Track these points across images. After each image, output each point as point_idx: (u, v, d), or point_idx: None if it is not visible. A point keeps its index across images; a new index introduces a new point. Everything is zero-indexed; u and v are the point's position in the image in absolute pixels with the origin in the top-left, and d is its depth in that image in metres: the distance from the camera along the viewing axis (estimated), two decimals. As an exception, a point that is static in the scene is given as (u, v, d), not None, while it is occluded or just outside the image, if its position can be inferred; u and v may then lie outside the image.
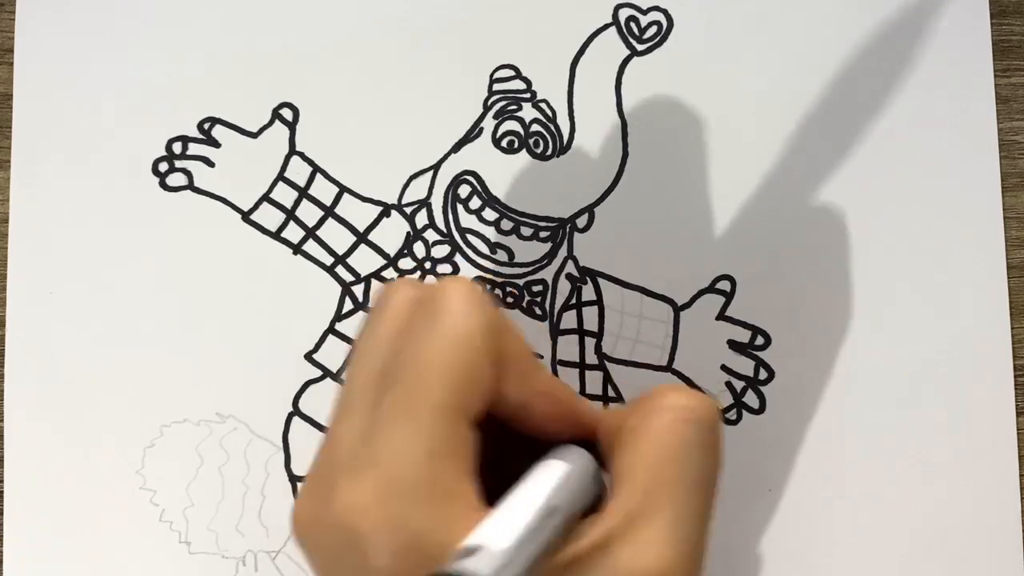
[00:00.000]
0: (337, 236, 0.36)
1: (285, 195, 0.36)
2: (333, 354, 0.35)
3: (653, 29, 0.37)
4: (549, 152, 0.37)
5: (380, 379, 0.23)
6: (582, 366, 0.36)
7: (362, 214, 0.36)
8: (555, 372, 0.36)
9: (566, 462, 0.24)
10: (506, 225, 0.36)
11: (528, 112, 0.37)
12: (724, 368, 0.36)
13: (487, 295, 0.24)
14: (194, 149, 0.36)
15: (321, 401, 0.35)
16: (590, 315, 0.36)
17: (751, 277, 0.36)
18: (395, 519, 0.21)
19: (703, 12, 0.37)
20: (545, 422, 0.25)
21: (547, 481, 0.22)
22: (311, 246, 0.36)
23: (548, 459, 0.24)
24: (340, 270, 0.36)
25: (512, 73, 0.37)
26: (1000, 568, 0.36)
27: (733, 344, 0.36)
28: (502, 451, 0.24)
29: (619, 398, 0.36)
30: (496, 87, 0.37)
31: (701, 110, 0.37)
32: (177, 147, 0.36)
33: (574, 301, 0.36)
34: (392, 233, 0.36)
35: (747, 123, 0.37)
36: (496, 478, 0.23)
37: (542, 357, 0.36)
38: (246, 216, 0.36)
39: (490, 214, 0.36)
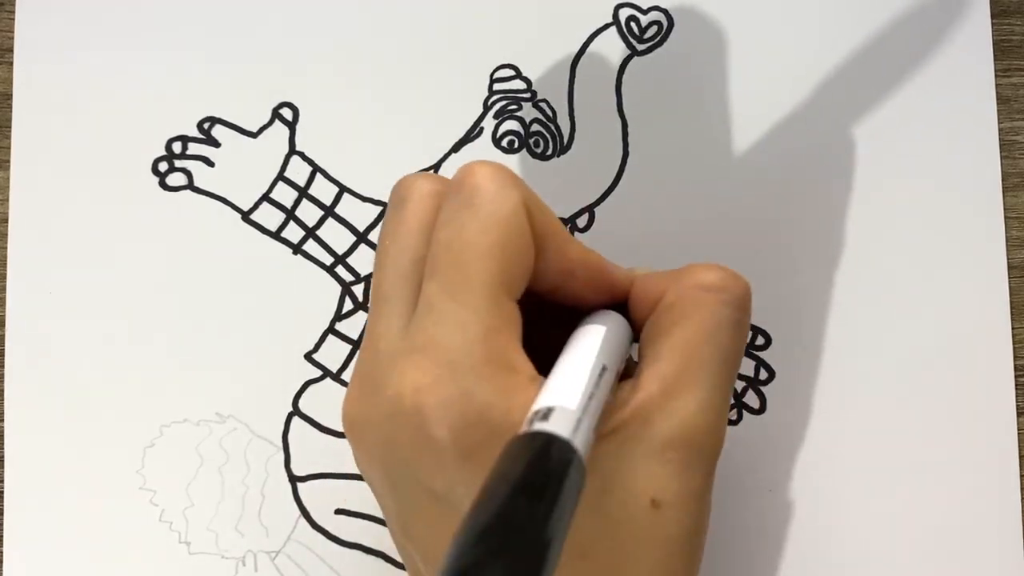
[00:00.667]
0: (337, 236, 0.36)
1: (285, 195, 0.36)
2: (333, 354, 0.35)
3: (653, 29, 0.37)
4: (549, 152, 0.37)
5: (413, 272, 0.24)
6: (582, 366, 0.36)
7: (362, 214, 0.36)
8: (555, 372, 0.36)
9: (605, 324, 0.25)
10: (506, 225, 0.36)
11: (528, 112, 0.37)
12: (724, 368, 0.36)
13: (515, 175, 0.25)
14: (194, 149, 0.36)
15: (321, 401, 0.35)
16: (590, 315, 0.36)
17: (751, 277, 0.36)
18: (459, 394, 0.22)
19: (703, 12, 0.37)
20: (583, 290, 0.26)
21: (593, 343, 0.24)
22: (311, 246, 0.36)
23: (588, 323, 0.25)
24: (340, 270, 0.36)
25: (512, 73, 0.37)
26: (1000, 568, 0.36)
27: (733, 344, 0.36)
28: (533, 326, 0.25)
29: (619, 398, 0.36)
30: (496, 87, 0.37)
31: (701, 110, 0.37)
32: (177, 147, 0.36)
33: (574, 301, 0.36)
34: (392, 233, 0.36)
35: (747, 123, 0.37)
36: (531, 353, 0.24)
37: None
38: (246, 216, 0.36)
39: (490, 214, 0.36)
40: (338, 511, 0.35)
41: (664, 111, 0.37)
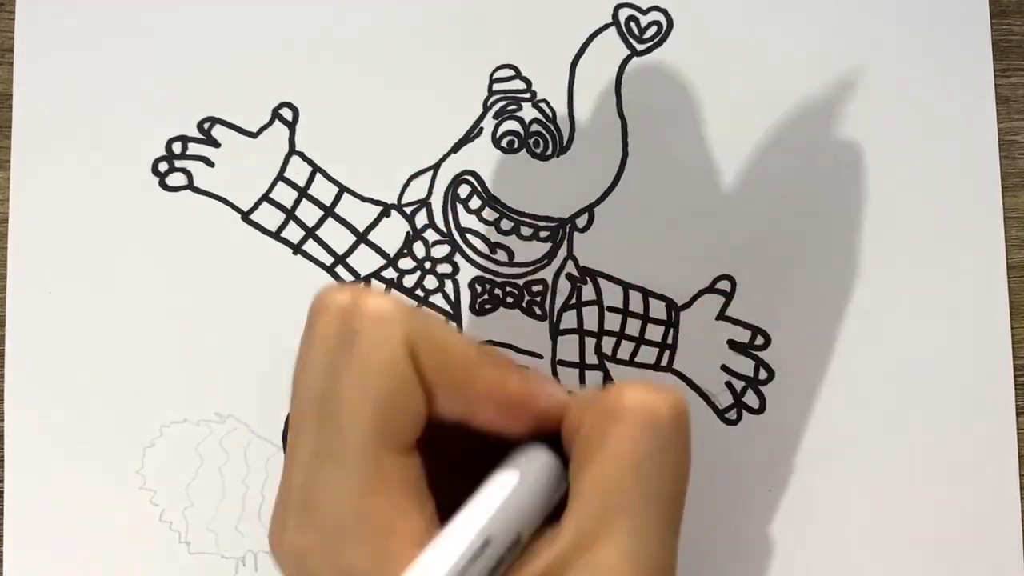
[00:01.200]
0: (337, 236, 0.36)
1: (285, 195, 0.36)
2: (333, 354, 0.35)
3: (653, 29, 0.37)
4: (549, 152, 0.37)
5: (318, 412, 0.22)
6: (582, 366, 0.36)
7: (362, 214, 0.36)
8: (555, 372, 0.36)
9: (519, 472, 0.22)
10: (506, 225, 0.36)
11: (528, 112, 0.37)
12: (724, 368, 0.36)
13: (408, 308, 0.22)
14: (194, 149, 0.36)
15: (321, 401, 0.35)
16: (590, 315, 0.36)
17: (751, 277, 0.36)
18: (335, 561, 0.21)
19: (703, 12, 0.37)
20: (500, 424, 0.23)
21: (488, 505, 0.21)
22: (311, 246, 0.36)
23: (500, 471, 0.22)
24: (340, 270, 0.36)
25: (512, 73, 0.37)
26: (1000, 568, 0.36)
27: (733, 344, 0.36)
28: (483, 446, 0.23)
29: (619, 398, 0.36)
30: (496, 87, 0.37)
31: (701, 110, 0.37)
32: (177, 147, 0.36)
33: (574, 301, 0.36)
34: (392, 233, 0.36)
35: (747, 123, 0.37)
36: (481, 474, 0.22)
37: (540, 357, 0.36)
38: (246, 216, 0.36)
39: (490, 214, 0.36)
40: (338, 511, 0.35)
41: (664, 111, 0.37)
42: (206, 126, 0.36)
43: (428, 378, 0.22)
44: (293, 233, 0.36)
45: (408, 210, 0.36)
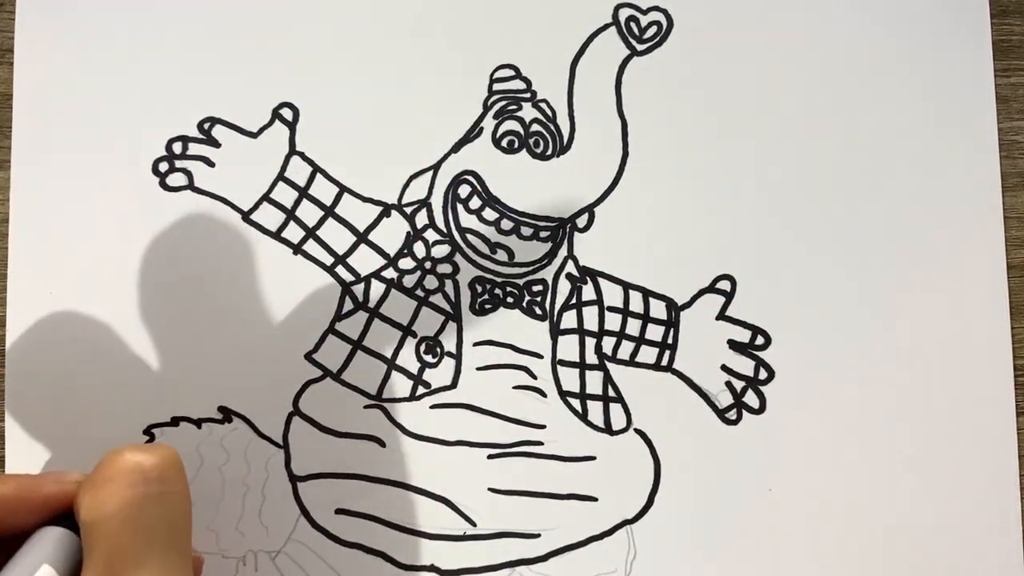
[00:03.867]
0: (337, 236, 0.36)
1: (285, 195, 0.36)
2: (333, 354, 0.35)
3: (653, 29, 0.37)
4: (549, 152, 0.37)
5: None
6: (582, 366, 0.36)
7: (362, 214, 0.36)
8: (555, 372, 0.36)
9: (31, 555, 0.23)
10: (506, 225, 0.36)
11: (528, 112, 0.37)
12: (724, 368, 0.36)
13: None
14: (194, 149, 0.36)
15: (321, 401, 0.35)
16: (590, 315, 0.36)
17: (751, 277, 0.36)
18: None
19: (703, 12, 0.37)
20: (4, 526, 0.25)
21: None
22: (311, 246, 0.36)
23: (15, 560, 0.24)
24: (340, 270, 0.36)
25: (512, 73, 0.37)
26: (1000, 568, 0.36)
27: (733, 344, 0.36)
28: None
29: (619, 398, 0.36)
30: (496, 87, 0.37)
31: (701, 110, 0.37)
32: (177, 147, 0.36)
33: (574, 301, 0.36)
34: (392, 233, 0.36)
35: (747, 123, 0.37)
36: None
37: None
38: (246, 216, 0.36)
39: (490, 214, 0.36)
40: (338, 511, 0.35)
41: (663, 111, 0.37)
42: (206, 126, 0.36)
43: None
44: (293, 233, 0.36)
45: (408, 210, 0.36)
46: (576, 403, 0.36)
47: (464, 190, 0.36)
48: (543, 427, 0.35)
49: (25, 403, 0.35)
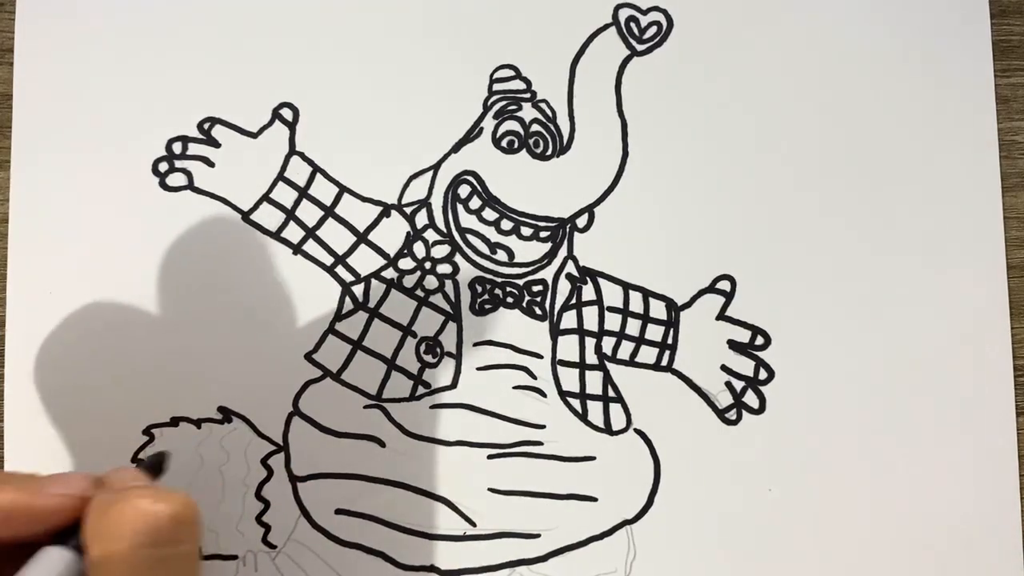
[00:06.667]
0: (337, 236, 0.36)
1: (285, 195, 0.36)
2: (333, 354, 0.35)
3: (653, 29, 0.37)
4: (549, 152, 0.37)
5: None
6: (582, 366, 0.36)
7: (362, 214, 0.36)
8: (555, 372, 0.36)
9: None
10: (506, 225, 0.36)
11: (528, 112, 0.37)
12: (724, 368, 0.36)
13: None
14: (194, 149, 0.36)
15: (321, 401, 0.35)
16: (590, 315, 0.36)
17: (751, 277, 0.36)
18: None
19: (703, 12, 0.37)
20: (5, 538, 0.24)
21: None
22: (311, 246, 0.36)
23: None
24: (340, 270, 0.36)
25: (512, 73, 0.37)
26: (1000, 568, 0.36)
27: (733, 344, 0.36)
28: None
29: (619, 398, 0.36)
30: (496, 87, 0.37)
31: (701, 110, 0.37)
32: (177, 147, 0.36)
33: (574, 301, 0.36)
34: (392, 233, 0.36)
35: (747, 123, 0.37)
36: None
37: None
38: (246, 216, 0.36)
39: (490, 214, 0.36)
40: (338, 511, 0.35)
41: (663, 111, 0.37)
42: (206, 126, 0.36)
43: None
44: (293, 233, 0.36)
45: (408, 210, 0.36)
46: (576, 403, 0.36)
47: (464, 190, 0.36)
48: (543, 427, 0.35)
49: (25, 403, 0.35)
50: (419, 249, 0.36)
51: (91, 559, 0.23)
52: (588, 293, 0.36)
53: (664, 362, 0.36)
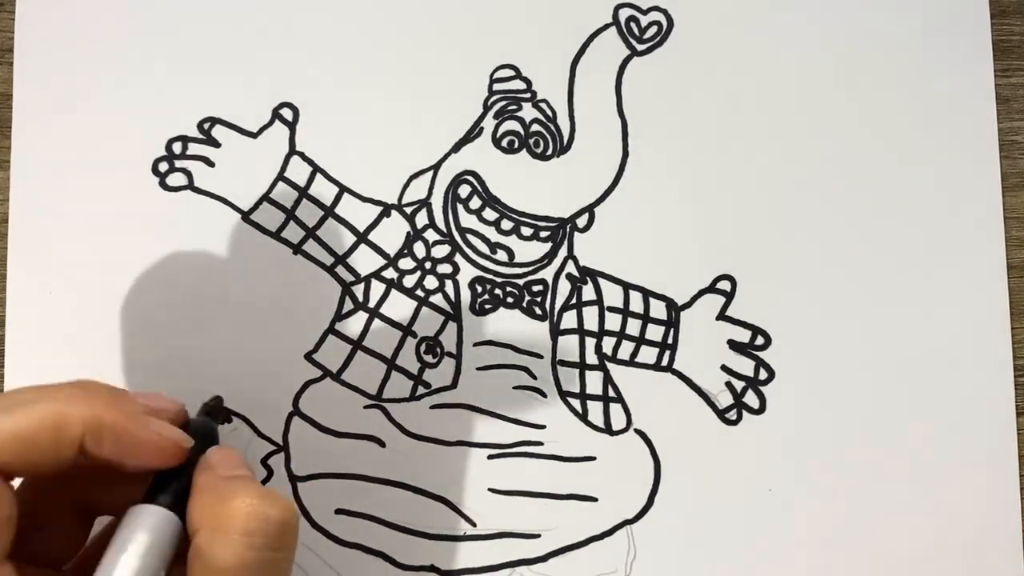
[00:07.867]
0: (337, 236, 0.36)
1: (285, 195, 0.36)
2: (333, 354, 0.35)
3: (653, 29, 0.37)
4: (549, 152, 0.37)
5: None
6: (582, 366, 0.36)
7: (362, 214, 0.36)
8: (555, 372, 0.36)
9: (140, 534, 0.23)
10: (506, 225, 0.36)
11: (528, 112, 0.37)
12: (724, 368, 0.36)
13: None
14: (194, 149, 0.36)
15: (321, 401, 0.35)
16: (590, 315, 0.36)
17: (751, 277, 0.36)
18: None
19: (703, 12, 0.37)
20: (151, 467, 0.25)
21: (118, 567, 0.22)
22: (311, 246, 0.36)
23: (122, 533, 0.23)
24: (340, 270, 0.36)
25: (512, 73, 0.37)
26: (1000, 568, 0.36)
27: (733, 344, 0.36)
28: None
29: (619, 398, 0.36)
30: (496, 87, 0.37)
31: (701, 110, 0.37)
32: (177, 147, 0.36)
33: (574, 301, 0.36)
34: (392, 233, 0.36)
35: (747, 123, 0.37)
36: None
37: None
38: (246, 216, 0.36)
39: (490, 214, 0.36)
40: (338, 511, 0.35)
41: (663, 111, 0.37)
42: (206, 126, 0.36)
43: (104, 453, 0.24)
44: (293, 233, 0.36)
45: (408, 210, 0.36)
46: (576, 403, 0.36)
47: (464, 190, 0.36)
48: (543, 427, 0.35)
49: (25, 403, 0.35)
50: (419, 249, 0.36)
51: (199, 544, 0.23)
52: (588, 293, 0.36)
53: (664, 362, 0.36)
